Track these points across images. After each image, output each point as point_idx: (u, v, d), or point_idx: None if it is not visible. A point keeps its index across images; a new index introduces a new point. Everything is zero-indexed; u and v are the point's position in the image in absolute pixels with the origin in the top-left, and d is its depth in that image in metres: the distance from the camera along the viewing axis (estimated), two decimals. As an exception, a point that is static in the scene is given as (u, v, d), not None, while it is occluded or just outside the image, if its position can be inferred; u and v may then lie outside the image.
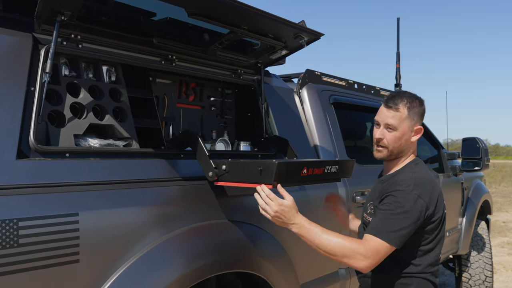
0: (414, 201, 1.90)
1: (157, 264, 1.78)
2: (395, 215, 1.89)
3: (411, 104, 2.05)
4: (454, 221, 4.65)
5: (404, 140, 2.07)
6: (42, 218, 1.51)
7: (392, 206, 1.92)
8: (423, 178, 2.01)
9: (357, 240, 1.92)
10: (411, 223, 1.89)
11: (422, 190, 1.94)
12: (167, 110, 2.47)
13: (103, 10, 2.03)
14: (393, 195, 1.94)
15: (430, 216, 1.95)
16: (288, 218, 1.90)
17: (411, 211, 1.89)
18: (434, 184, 2.01)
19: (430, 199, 1.94)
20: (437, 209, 1.98)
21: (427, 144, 4.66)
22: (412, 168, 2.06)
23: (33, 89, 1.71)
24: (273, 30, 2.32)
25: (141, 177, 1.87)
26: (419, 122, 2.09)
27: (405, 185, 1.95)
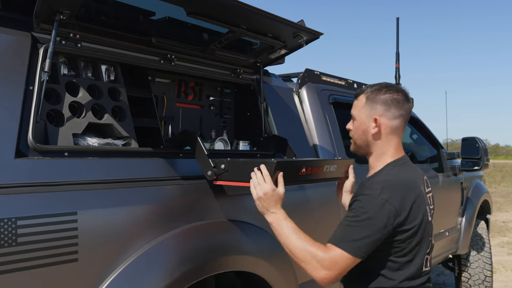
0: (380, 207, 1.67)
1: (155, 263, 1.78)
2: (357, 222, 1.69)
3: (372, 93, 1.86)
4: (453, 221, 4.65)
5: (362, 131, 1.87)
6: (41, 217, 1.51)
7: (356, 212, 1.71)
8: (397, 180, 1.76)
9: (322, 247, 1.72)
10: (375, 231, 1.67)
11: (391, 194, 1.70)
12: (166, 109, 2.47)
13: (102, 9, 2.03)
14: (359, 200, 1.73)
15: (401, 224, 1.70)
16: (270, 206, 1.83)
17: (376, 218, 1.67)
18: (409, 188, 1.75)
19: (401, 205, 1.70)
20: (411, 216, 1.72)
21: (427, 143, 4.66)
22: (389, 170, 1.83)
23: (32, 88, 1.71)
24: (272, 29, 2.32)
25: (140, 176, 1.87)
26: (380, 112, 1.83)
27: (373, 189, 1.72)
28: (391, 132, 1.86)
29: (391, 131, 1.85)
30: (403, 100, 1.85)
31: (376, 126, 1.84)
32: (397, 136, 1.88)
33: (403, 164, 1.86)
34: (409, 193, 1.74)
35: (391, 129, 1.85)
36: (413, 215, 1.73)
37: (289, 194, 2.38)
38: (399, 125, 1.86)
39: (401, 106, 1.84)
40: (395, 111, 1.84)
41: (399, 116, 1.85)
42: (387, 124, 1.84)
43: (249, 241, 2.16)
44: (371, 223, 1.67)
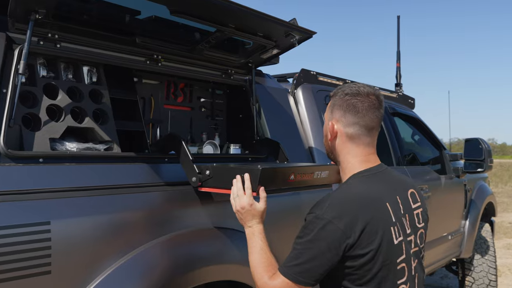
0: (322, 227, 1.48)
1: (135, 275, 1.70)
2: (300, 245, 1.52)
3: (338, 95, 1.68)
4: (456, 224, 4.54)
5: (324, 135, 1.73)
6: (10, 228, 1.43)
7: (300, 233, 1.54)
8: (349, 196, 1.56)
9: (271, 272, 1.60)
10: (317, 255, 1.47)
11: (339, 212, 1.49)
12: (153, 111, 2.39)
13: (83, 8, 1.94)
14: (305, 219, 1.56)
15: (352, 247, 1.48)
16: (246, 220, 1.74)
17: (317, 240, 1.48)
18: (363, 205, 1.53)
19: (350, 224, 1.47)
20: (366, 238, 1.48)
21: (429, 145, 4.55)
22: (347, 183, 1.63)
23: (5, 91, 1.64)
24: (262, 28, 2.23)
25: (121, 183, 1.79)
26: (337, 117, 1.66)
27: (320, 207, 1.53)
28: (349, 141, 1.65)
29: (348, 139, 1.65)
30: (369, 106, 1.63)
31: (331, 131, 1.68)
32: (358, 145, 1.65)
33: (369, 176, 1.63)
34: (363, 211, 1.51)
35: (347, 137, 1.65)
36: (369, 237, 1.49)
37: (282, 199, 2.32)
38: (357, 134, 1.64)
39: (363, 114, 1.62)
40: (351, 117, 1.63)
41: (356, 123, 1.63)
42: (343, 132, 1.65)
43: (239, 250, 2.06)
44: (312, 246, 1.49)
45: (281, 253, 2.26)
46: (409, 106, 4.47)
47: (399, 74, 4.36)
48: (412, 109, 4.51)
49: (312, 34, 2.34)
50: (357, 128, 1.64)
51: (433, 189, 3.95)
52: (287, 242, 2.30)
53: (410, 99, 4.46)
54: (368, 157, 1.67)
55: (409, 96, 4.45)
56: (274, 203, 2.21)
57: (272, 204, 2.26)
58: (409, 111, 4.38)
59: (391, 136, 3.73)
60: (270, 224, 2.27)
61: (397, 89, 4.45)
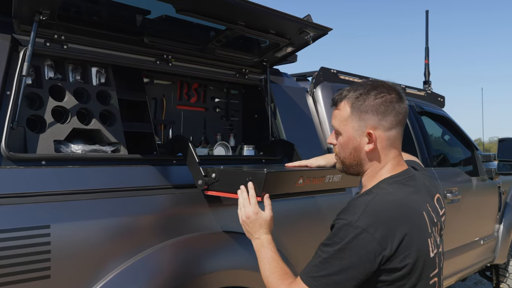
0: (355, 236, 1.32)
1: (139, 280, 1.66)
2: (328, 254, 1.35)
3: (357, 99, 1.45)
4: (489, 228, 4.33)
5: (353, 148, 1.48)
6: (9, 231, 1.42)
7: (327, 240, 1.38)
8: (386, 203, 1.39)
9: (287, 281, 1.48)
10: (348, 266, 1.32)
11: (374, 220, 1.34)
12: (165, 112, 2.35)
13: (88, 8, 1.92)
14: (334, 225, 1.39)
15: (388, 260, 1.34)
16: (253, 230, 1.64)
17: (348, 250, 1.32)
18: (403, 215, 1.38)
19: (386, 235, 1.33)
20: (403, 251, 1.34)
21: (460, 145, 4.35)
22: (381, 189, 1.44)
23: (9, 93, 1.63)
24: (274, 25, 2.15)
25: (125, 185, 1.76)
26: (374, 123, 1.44)
27: (353, 212, 1.37)
28: (390, 145, 1.48)
29: (390, 143, 1.47)
30: (398, 101, 1.46)
31: (371, 142, 1.45)
32: (395, 147, 1.50)
33: (403, 182, 1.47)
34: (402, 221, 1.37)
35: (389, 141, 1.47)
36: (405, 250, 1.35)
37: (292, 203, 2.24)
38: (398, 134, 1.48)
39: (398, 110, 1.45)
40: (392, 118, 1.44)
41: (397, 123, 1.46)
42: (384, 137, 1.46)
43: (247, 255, 1.99)
44: (343, 256, 1.33)
45: (292, 258, 2.19)
46: (439, 105, 4.29)
47: (428, 71, 4.18)
48: (442, 107, 4.32)
49: (327, 31, 2.24)
50: (399, 128, 1.48)
51: (464, 191, 3.77)
52: (298, 247, 2.24)
53: (440, 97, 4.27)
54: (399, 159, 1.52)
55: (438, 94, 4.26)
56: (283, 208, 2.15)
57: (281, 210, 2.20)
58: (439, 109, 4.19)
59: (418, 136, 3.57)
60: (282, 230, 2.20)
61: (426, 87, 4.27)
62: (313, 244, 2.29)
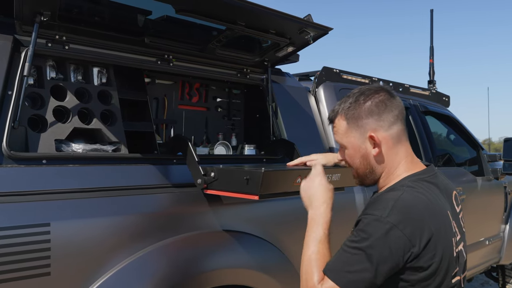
0: (386, 232, 1.30)
1: (139, 277, 1.68)
2: (356, 250, 1.33)
3: (349, 109, 1.47)
4: (495, 228, 4.30)
5: (361, 156, 1.48)
6: (9, 229, 1.44)
7: (355, 236, 1.35)
8: (417, 199, 1.38)
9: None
10: (377, 262, 1.29)
11: (404, 217, 1.32)
12: (167, 112, 2.37)
13: (90, 9, 1.95)
14: (362, 220, 1.37)
15: (415, 258, 1.32)
16: (316, 199, 1.51)
17: (377, 246, 1.30)
18: (431, 213, 1.37)
19: (415, 233, 1.32)
20: (430, 250, 1.33)
21: (465, 145, 4.32)
22: (407, 185, 1.42)
23: (11, 93, 1.65)
24: (274, 26, 2.16)
25: (125, 184, 1.77)
26: (372, 126, 1.44)
27: (381, 208, 1.34)
28: (396, 143, 1.47)
29: (395, 141, 1.46)
30: (389, 98, 1.47)
31: (376, 145, 1.45)
32: (403, 144, 1.49)
33: (427, 179, 1.45)
34: (431, 219, 1.35)
35: (394, 139, 1.46)
36: (432, 249, 1.33)
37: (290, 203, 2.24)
38: (400, 130, 1.48)
39: (391, 107, 1.45)
40: (388, 116, 1.45)
41: (395, 119, 1.46)
42: (387, 136, 1.45)
43: (248, 254, 2.01)
44: (372, 252, 1.30)
45: (295, 256, 2.20)
46: (444, 104, 4.26)
47: (433, 70, 4.16)
48: (447, 107, 4.30)
49: (328, 31, 2.24)
50: (399, 124, 1.47)
51: (469, 191, 3.75)
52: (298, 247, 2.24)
53: (445, 97, 4.25)
54: (412, 155, 1.51)
55: (443, 94, 4.24)
56: (282, 208, 2.15)
57: (280, 209, 2.21)
58: (444, 109, 4.17)
59: (422, 136, 3.56)
60: (285, 228, 2.21)
61: (430, 86, 4.25)
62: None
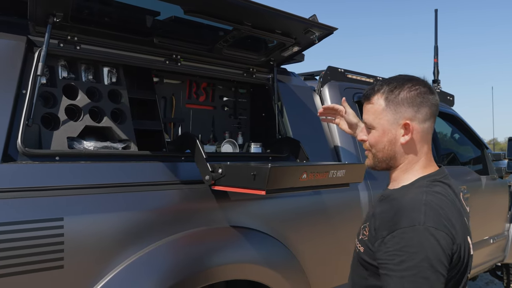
0: (430, 237, 1.28)
1: (149, 271, 1.72)
2: (408, 270, 1.26)
3: (392, 92, 1.46)
4: (499, 227, 4.31)
5: (388, 141, 1.47)
6: (24, 223, 1.49)
7: (399, 257, 1.28)
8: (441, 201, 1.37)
9: None
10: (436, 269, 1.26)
11: (439, 218, 1.32)
12: (175, 111, 2.42)
13: (100, 10, 1.99)
14: (397, 237, 1.31)
15: (454, 256, 1.32)
16: None
17: (430, 253, 1.26)
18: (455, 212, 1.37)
19: (451, 232, 1.31)
20: (461, 249, 1.34)
21: (470, 144, 4.35)
22: (427, 186, 1.41)
23: (25, 92, 1.70)
24: (280, 26, 2.20)
25: (135, 181, 1.82)
26: (410, 115, 1.45)
27: (412, 216, 1.32)
28: (423, 139, 1.47)
29: (423, 136, 1.47)
30: (431, 93, 1.47)
31: (407, 133, 1.45)
32: (427, 142, 1.50)
33: (443, 180, 1.45)
34: (456, 219, 1.35)
35: (423, 134, 1.46)
36: (463, 246, 1.34)
37: (296, 200, 2.29)
38: (430, 128, 1.49)
39: (432, 102, 1.46)
40: (427, 110, 1.45)
41: (431, 115, 1.46)
42: (419, 129, 1.45)
43: (254, 249, 2.05)
44: (428, 263, 1.25)
45: (300, 252, 2.24)
46: (448, 104, 4.29)
47: (437, 70, 4.18)
48: (451, 106, 4.32)
49: (333, 30, 2.28)
50: (431, 121, 1.48)
51: (473, 190, 3.77)
52: (307, 243, 2.28)
53: (449, 96, 4.27)
54: (430, 155, 1.52)
55: (448, 93, 4.26)
56: (288, 204, 2.20)
57: (286, 206, 2.25)
58: (448, 108, 4.20)
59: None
60: (290, 224, 2.26)
61: (435, 85, 4.27)
62: (318, 240, 2.35)
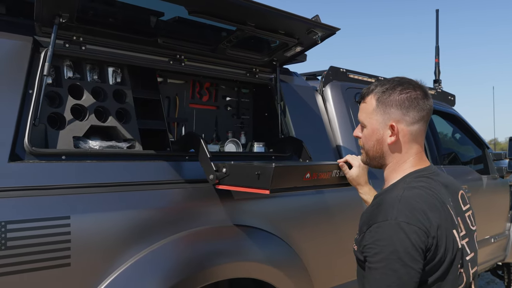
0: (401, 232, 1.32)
1: (154, 269, 1.74)
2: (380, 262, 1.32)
3: (384, 93, 1.50)
4: (500, 227, 4.33)
5: (376, 140, 1.53)
6: (31, 221, 1.51)
7: (373, 249, 1.34)
8: (417, 196, 1.40)
9: None
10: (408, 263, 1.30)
11: (412, 213, 1.35)
12: (178, 111, 2.43)
13: (105, 11, 2.01)
14: (372, 231, 1.37)
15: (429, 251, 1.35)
16: None
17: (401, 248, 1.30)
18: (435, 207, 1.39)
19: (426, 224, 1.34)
20: (436, 242, 1.35)
21: (471, 144, 4.36)
22: (408, 182, 1.47)
23: (31, 92, 1.72)
24: (283, 26, 2.22)
25: (140, 180, 1.84)
26: (397, 117, 1.49)
27: (387, 212, 1.36)
28: (412, 140, 1.52)
29: (411, 138, 1.51)
30: (423, 98, 1.50)
31: (393, 134, 1.50)
32: (418, 142, 1.54)
33: (429, 176, 1.50)
34: (434, 213, 1.37)
35: (411, 135, 1.51)
36: (438, 242, 1.35)
37: (299, 199, 2.31)
38: (420, 130, 1.52)
39: (421, 107, 1.49)
40: (415, 113, 1.49)
41: (419, 119, 1.50)
42: (406, 131, 1.50)
43: (257, 247, 2.07)
44: (399, 256, 1.29)
45: (302, 250, 2.26)
46: (449, 103, 4.31)
47: (438, 70, 4.21)
48: (453, 106, 4.34)
49: (335, 31, 2.30)
50: (422, 124, 1.52)
51: (474, 189, 3.79)
52: (309, 242, 2.30)
53: (450, 96, 4.29)
54: (422, 154, 1.56)
55: (449, 93, 4.28)
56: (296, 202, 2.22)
57: (291, 203, 2.27)
58: (449, 108, 4.22)
59: (428, 134, 3.60)
60: (293, 223, 2.27)
61: (436, 85, 4.30)
62: (320, 239, 2.37)
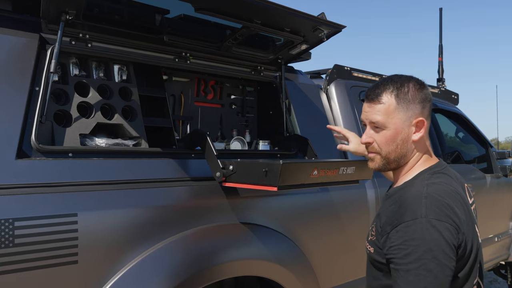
0: (433, 230, 1.28)
1: (161, 267, 1.74)
2: (413, 263, 1.27)
3: (399, 90, 1.44)
4: (504, 225, 4.33)
5: (401, 140, 1.45)
6: (39, 218, 1.51)
7: (404, 251, 1.29)
8: (441, 191, 1.37)
9: None
10: (443, 262, 1.26)
11: (440, 209, 1.32)
12: (183, 108, 2.43)
13: (112, 8, 2.01)
14: (401, 231, 1.31)
15: (461, 245, 1.32)
16: None
17: (435, 246, 1.26)
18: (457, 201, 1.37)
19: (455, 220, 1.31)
20: (464, 238, 1.33)
21: (474, 142, 4.36)
22: (427, 179, 1.42)
23: (38, 89, 1.72)
24: (289, 23, 2.21)
25: (147, 177, 1.84)
26: (419, 112, 1.45)
27: (415, 210, 1.32)
28: (427, 133, 1.49)
29: (427, 132, 1.49)
30: (426, 88, 1.49)
31: (418, 131, 1.45)
32: (428, 137, 1.52)
33: (443, 171, 1.46)
34: (459, 208, 1.35)
35: (427, 129, 1.48)
36: (465, 237, 1.33)
37: (304, 197, 2.30)
38: (430, 123, 1.50)
39: (430, 100, 1.48)
40: (429, 107, 1.48)
41: (430, 112, 1.50)
42: (427, 125, 1.47)
43: (263, 245, 2.07)
44: (434, 255, 1.25)
45: (308, 248, 2.25)
46: (453, 102, 4.30)
47: (442, 68, 4.20)
48: (456, 105, 4.33)
49: (341, 28, 2.29)
50: (430, 116, 1.51)
51: (478, 188, 3.78)
52: (315, 240, 2.30)
53: (454, 95, 4.29)
54: (431, 149, 1.55)
55: (452, 92, 4.27)
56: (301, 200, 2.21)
57: (297, 201, 2.27)
58: (453, 107, 4.21)
59: (431, 133, 3.60)
60: (299, 221, 2.27)
61: (439, 84, 4.29)
62: (326, 237, 2.37)
